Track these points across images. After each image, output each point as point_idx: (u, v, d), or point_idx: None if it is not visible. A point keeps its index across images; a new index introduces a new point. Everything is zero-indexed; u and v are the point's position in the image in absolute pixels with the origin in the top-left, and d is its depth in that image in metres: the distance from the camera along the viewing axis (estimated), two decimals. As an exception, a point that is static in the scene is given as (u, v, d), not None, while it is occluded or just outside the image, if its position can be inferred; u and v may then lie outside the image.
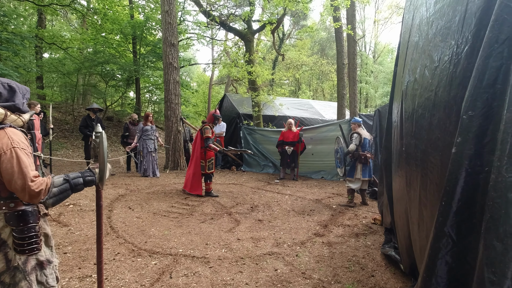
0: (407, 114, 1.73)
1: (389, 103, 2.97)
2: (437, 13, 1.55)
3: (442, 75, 1.31)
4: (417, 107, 1.55)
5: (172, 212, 4.65)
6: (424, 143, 1.46)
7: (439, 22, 1.50)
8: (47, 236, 1.71)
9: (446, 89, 1.27)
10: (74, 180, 1.61)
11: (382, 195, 4.18)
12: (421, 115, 1.50)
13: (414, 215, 1.77)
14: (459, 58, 1.21)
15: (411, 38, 1.99)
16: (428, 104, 1.42)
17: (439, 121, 1.32)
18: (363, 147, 5.23)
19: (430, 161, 1.41)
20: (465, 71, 1.18)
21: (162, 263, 2.94)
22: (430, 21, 1.62)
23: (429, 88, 1.46)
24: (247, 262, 3.03)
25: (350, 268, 2.94)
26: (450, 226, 0.99)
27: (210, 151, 5.60)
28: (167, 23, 8.47)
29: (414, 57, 1.82)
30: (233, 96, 12.62)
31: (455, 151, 1.03)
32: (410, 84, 1.71)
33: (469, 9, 1.19)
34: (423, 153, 1.47)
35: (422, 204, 1.57)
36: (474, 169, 1.00)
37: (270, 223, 4.29)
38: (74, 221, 4.03)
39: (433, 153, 1.37)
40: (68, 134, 13.69)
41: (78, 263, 2.90)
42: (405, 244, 2.44)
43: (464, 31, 1.21)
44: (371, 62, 26.01)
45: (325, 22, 14.74)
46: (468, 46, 1.17)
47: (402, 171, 2.09)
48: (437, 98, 1.34)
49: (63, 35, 14.46)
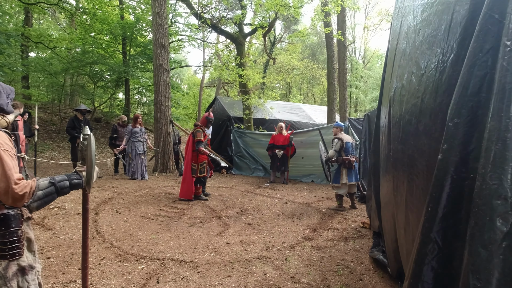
0: (394, 119, 1.76)
1: (377, 108, 3.01)
2: (424, 21, 1.58)
3: (428, 82, 1.35)
4: (404, 113, 1.58)
5: (161, 215, 4.59)
6: (411, 149, 1.48)
7: (425, 30, 1.54)
8: (30, 240, 1.65)
9: (432, 96, 1.30)
10: (60, 183, 1.57)
11: (370, 199, 4.23)
12: (408, 121, 1.53)
13: (401, 220, 1.79)
14: (445, 66, 1.24)
15: (399, 45, 2.03)
16: (414, 110, 1.45)
17: (425, 127, 1.35)
18: (346, 151, 5.23)
19: (416, 167, 1.43)
20: (450, 78, 1.21)
21: (149, 268, 2.89)
22: (417, 29, 1.66)
23: (416, 95, 1.49)
24: (236, 266, 3.01)
25: (339, 272, 2.95)
26: (436, 232, 1.01)
27: (202, 155, 5.55)
28: (157, 25, 8.41)
29: (401, 64, 1.85)
30: (224, 99, 12.60)
31: (441, 157, 1.05)
32: (397, 90, 1.74)
33: (455, 19, 1.23)
34: (410, 158, 1.50)
35: (408, 208, 1.60)
36: (460, 175, 1.02)
37: (259, 226, 4.28)
38: (59, 225, 3.93)
39: (419, 159, 1.39)
40: (54, 135, 13.38)
41: (62, 268, 2.83)
42: (392, 248, 2.47)
43: (449, 39, 1.24)
44: (361, 68, 26.41)
45: (316, 27, 14.91)
46: (453, 54, 1.21)
47: (389, 175, 2.12)
48: (423, 104, 1.37)
49: (50, 34, 14.16)
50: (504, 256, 0.79)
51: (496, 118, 0.91)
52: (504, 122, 0.87)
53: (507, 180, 0.83)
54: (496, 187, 0.86)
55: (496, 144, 0.89)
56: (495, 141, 0.88)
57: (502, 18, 0.98)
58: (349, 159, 5.14)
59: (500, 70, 0.94)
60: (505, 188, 0.83)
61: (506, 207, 0.82)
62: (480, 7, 1.11)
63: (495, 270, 0.78)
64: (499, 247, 0.80)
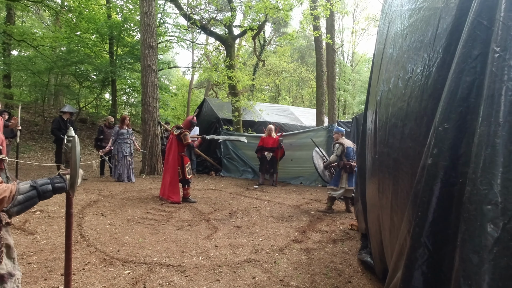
0: (381, 122, 1.77)
1: (364, 111, 3.04)
2: (411, 26, 1.60)
3: (414, 86, 1.37)
4: (391, 116, 1.60)
5: (148, 218, 4.50)
6: (396, 152, 1.50)
7: (412, 35, 1.56)
8: (9, 247, 1.58)
9: (417, 99, 1.32)
10: (42, 187, 1.50)
11: (358, 201, 4.27)
12: (394, 124, 1.54)
13: (386, 222, 1.80)
14: (430, 71, 1.26)
15: (386, 49, 2.05)
16: (400, 114, 1.47)
17: (410, 131, 1.36)
18: (347, 156, 5.24)
19: (401, 170, 1.45)
20: (436, 82, 1.22)
21: (135, 273, 2.82)
22: (404, 34, 1.68)
23: (402, 99, 1.51)
24: (225, 270, 2.97)
25: (328, 274, 2.96)
26: (426, 237, 1.02)
27: (186, 157, 5.49)
28: (145, 25, 8.30)
29: (388, 68, 1.87)
30: (213, 100, 12.53)
31: (431, 162, 1.06)
32: (384, 94, 1.76)
33: (441, 25, 1.25)
34: (395, 161, 1.51)
35: (393, 211, 1.61)
36: (449, 180, 1.02)
37: (248, 229, 4.25)
38: (41, 229, 3.79)
39: (404, 162, 1.41)
40: (37, 136, 13.00)
41: (44, 274, 2.72)
42: (378, 250, 2.49)
43: (435, 44, 1.26)
44: (349, 71, 26.79)
45: (305, 30, 15.02)
46: (439, 59, 1.23)
47: (375, 178, 2.14)
48: (409, 108, 1.39)
49: (34, 32, 13.77)
50: (495, 261, 0.79)
51: (486, 123, 0.92)
52: (494, 127, 0.88)
53: (497, 186, 0.84)
54: (487, 192, 0.86)
55: (486, 150, 0.89)
56: (485, 146, 0.89)
57: (490, 25, 1.00)
58: (350, 163, 5.14)
59: (489, 76, 0.95)
60: (495, 193, 0.84)
61: (496, 212, 0.83)
62: (466, 13, 1.13)
63: (486, 275, 0.78)
64: (490, 252, 0.80)
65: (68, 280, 1.79)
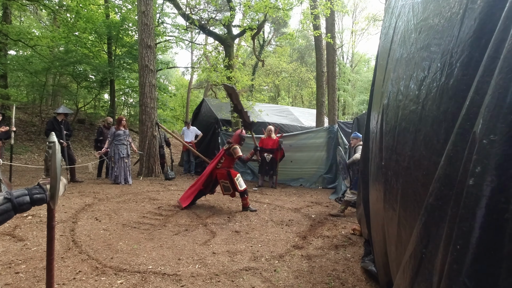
0: (388, 126, 1.62)
1: (367, 113, 2.90)
2: (427, 19, 1.44)
3: (431, 87, 1.20)
4: (400, 120, 1.44)
5: (144, 223, 4.36)
6: (407, 160, 1.34)
7: (429, 29, 1.40)
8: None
9: (435, 102, 1.15)
10: (18, 199, 1.36)
11: (359, 206, 4.13)
12: (405, 129, 1.38)
13: (392, 235, 1.66)
14: (453, 69, 1.09)
15: (394, 47, 1.91)
16: (413, 118, 1.31)
17: (425, 137, 1.20)
18: None
19: (412, 181, 1.30)
20: (460, 83, 1.07)
21: (128, 282, 2.69)
22: (418, 28, 1.52)
23: (415, 101, 1.35)
24: (222, 279, 2.84)
25: (330, 283, 2.83)
26: (467, 276, 0.82)
27: (234, 171, 5.29)
28: (143, 24, 8.17)
29: (398, 67, 1.72)
30: (211, 101, 12.39)
31: (472, 183, 0.86)
32: (393, 95, 1.60)
33: (468, 15, 1.07)
34: (405, 170, 1.36)
35: (401, 225, 1.46)
36: (497, 206, 0.82)
37: (247, 234, 4.12)
38: (32, 235, 3.66)
39: (416, 173, 1.25)
40: (35, 137, 12.86)
41: (32, 284, 2.59)
42: (382, 262, 2.36)
43: (460, 39, 1.09)
44: (349, 71, 26.67)
45: (305, 29, 14.89)
46: (465, 56, 1.06)
47: (379, 185, 2.00)
48: (424, 111, 1.23)
49: (31, 32, 13.60)
50: None
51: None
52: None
53: None
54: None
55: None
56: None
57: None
58: None
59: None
60: None
61: None
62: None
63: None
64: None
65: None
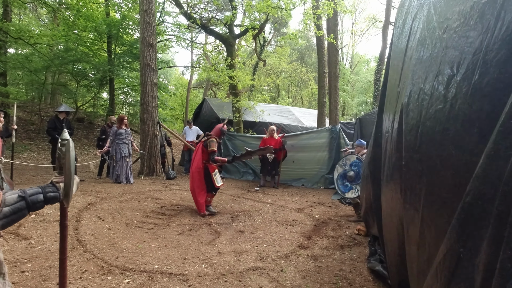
0: (409, 126, 1.59)
1: (377, 114, 2.89)
2: (452, 17, 1.38)
3: (462, 85, 1.17)
4: (424, 120, 1.42)
5: (147, 222, 4.34)
6: (432, 159, 1.33)
7: (456, 27, 1.35)
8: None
9: (466, 101, 1.13)
10: (31, 197, 1.34)
11: (362, 206, 4.12)
12: (430, 128, 1.36)
13: (413, 235, 1.65)
14: (488, 67, 1.07)
15: (411, 47, 1.88)
16: (439, 117, 1.28)
17: (454, 136, 1.18)
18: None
19: (438, 180, 1.29)
20: (496, 81, 1.02)
21: (135, 282, 2.67)
22: (442, 27, 1.47)
23: (442, 99, 1.31)
24: (229, 279, 2.83)
25: (338, 284, 2.82)
26: None
27: (211, 165, 4.89)
28: (145, 23, 8.13)
29: (418, 67, 1.68)
30: (213, 100, 12.37)
31: None
32: (414, 95, 1.58)
33: (507, 5, 0.99)
34: (430, 169, 1.34)
35: (425, 225, 1.45)
36: None
37: (252, 234, 4.11)
38: (36, 234, 3.63)
39: (443, 172, 1.24)
40: (34, 135, 12.78)
41: (38, 283, 2.57)
42: (395, 261, 2.35)
43: (496, 29, 1.04)
44: (349, 72, 26.72)
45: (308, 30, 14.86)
46: (504, 51, 1.00)
47: (395, 185, 1.99)
48: (453, 110, 1.20)
49: (31, 30, 13.52)
50: None
51: None
52: None
53: None
54: None
55: None
56: None
57: None
58: None
59: None
60: None
61: None
62: None
63: None
64: None
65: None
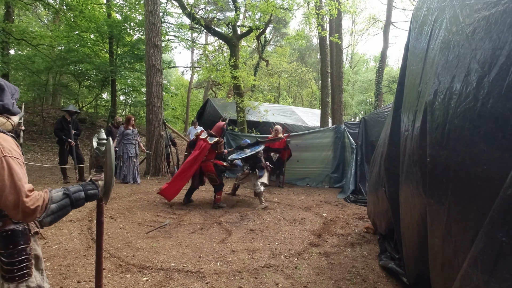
0: (435, 124, 1.64)
1: (393, 114, 2.94)
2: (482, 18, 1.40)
3: (494, 84, 1.22)
4: (452, 118, 1.46)
5: (158, 221, 4.38)
6: (461, 156, 1.38)
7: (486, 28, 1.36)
8: (38, 258, 1.47)
9: (501, 99, 1.17)
10: (75, 195, 1.40)
11: (371, 204, 4.17)
12: (459, 126, 1.41)
13: (438, 229, 1.70)
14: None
15: (433, 48, 1.92)
16: (469, 114, 1.33)
17: (486, 133, 1.24)
18: None
19: (469, 175, 1.34)
20: None
21: (154, 279, 2.72)
22: (470, 28, 1.49)
23: (472, 98, 1.36)
24: (246, 276, 2.87)
25: (352, 280, 2.87)
26: None
27: (219, 161, 5.47)
28: (150, 24, 8.17)
29: (444, 66, 1.71)
30: (216, 100, 12.42)
31: None
32: (440, 94, 1.63)
33: None
34: (459, 165, 1.39)
35: (452, 219, 1.51)
36: None
37: (262, 232, 4.16)
38: (51, 233, 3.67)
39: (473, 167, 1.29)
40: (36, 136, 12.78)
41: (59, 281, 2.61)
42: (413, 256, 2.40)
43: None
44: (349, 72, 26.80)
45: (311, 30, 14.91)
46: None
47: (418, 181, 2.02)
48: (484, 108, 1.25)
49: (33, 31, 13.55)
50: None
51: None
52: None
53: None
54: None
55: None
56: None
57: None
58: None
59: None
60: None
61: None
62: None
63: None
64: None
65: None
